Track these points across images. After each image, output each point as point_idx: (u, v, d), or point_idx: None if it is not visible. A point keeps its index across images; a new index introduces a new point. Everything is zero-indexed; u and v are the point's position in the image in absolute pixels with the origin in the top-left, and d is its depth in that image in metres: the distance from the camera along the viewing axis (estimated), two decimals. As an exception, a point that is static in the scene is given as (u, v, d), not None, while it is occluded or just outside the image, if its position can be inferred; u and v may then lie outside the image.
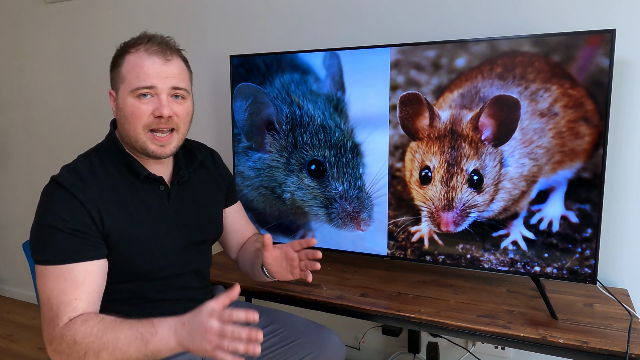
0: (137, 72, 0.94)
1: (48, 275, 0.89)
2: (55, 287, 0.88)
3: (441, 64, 1.24)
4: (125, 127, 0.97)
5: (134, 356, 0.83)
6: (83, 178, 0.94)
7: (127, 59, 0.96)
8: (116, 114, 0.99)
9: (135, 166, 0.99)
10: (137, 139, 0.96)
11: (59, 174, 0.96)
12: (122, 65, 0.96)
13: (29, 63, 2.31)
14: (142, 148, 0.97)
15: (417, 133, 1.28)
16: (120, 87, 0.96)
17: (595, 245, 1.14)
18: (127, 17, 2.02)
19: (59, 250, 0.89)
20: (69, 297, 0.88)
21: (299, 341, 1.11)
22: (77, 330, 0.84)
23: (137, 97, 0.94)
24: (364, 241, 1.40)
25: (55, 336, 0.86)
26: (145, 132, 0.95)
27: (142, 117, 0.94)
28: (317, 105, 1.39)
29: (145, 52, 0.95)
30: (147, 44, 0.95)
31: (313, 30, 1.66)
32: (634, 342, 1.02)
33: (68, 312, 0.87)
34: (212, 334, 0.78)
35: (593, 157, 1.12)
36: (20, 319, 2.35)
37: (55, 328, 0.86)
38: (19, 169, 2.46)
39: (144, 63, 0.94)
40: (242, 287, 1.36)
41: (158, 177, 1.01)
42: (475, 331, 1.11)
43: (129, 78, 0.94)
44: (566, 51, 1.12)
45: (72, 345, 0.84)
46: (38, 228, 0.92)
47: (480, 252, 1.26)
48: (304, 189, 1.43)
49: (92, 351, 0.83)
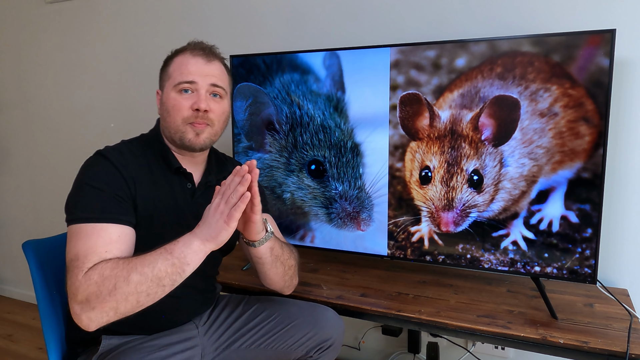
0: (181, 70, 1.03)
1: (82, 234, 0.89)
2: (86, 243, 0.88)
3: (441, 64, 1.24)
4: (167, 119, 1.04)
5: (162, 267, 0.84)
6: (124, 155, 1.01)
7: (175, 60, 1.06)
8: (160, 109, 1.07)
9: (169, 157, 1.06)
10: (177, 130, 1.03)
11: (103, 149, 1.03)
12: (169, 66, 1.06)
13: (29, 63, 2.31)
14: (181, 139, 1.04)
15: (417, 133, 1.28)
16: (165, 84, 1.05)
17: (595, 245, 1.14)
18: (127, 17, 2.02)
19: (97, 209, 0.91)
20: (100, 250, 0.88)
21: (294, 323, 1.12)
22: (105, 267, 0.84)
23: (179, 92, 1.03)
24: (364, 241, 1.40)
25: (81, 282, 0.83)
26: (184, 125, 1.03)
27: (182, 110, 1.02)
28: (317, 105, 1.39)
29: (190, 53, 1.05)
30: (193, 48, 1.06)
31: (313, 30, 1.66)
32: (634, 342, 1.02)
33: (94, 260, 0.86)
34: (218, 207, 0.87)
35: (593, 157, 1.12)
36: (20, 319, 2.35)
37: (80, 274, 0.84)
38: (19, 169, 2.46)
39: (188, 62, 1.04)
40: (242, 287, 1.37)
41: (188, 172, 1.07)
42: (475, 331, 1.11)
43: (174, 75, 1.04)
44: (566, 51, 1.12)
45: (100, 283, 0.82)
46: (79, 189, 0.95)
47: (480, 252, 1.26)
48: (304, 189, 1.43)
49: (122, 278, 0.82)
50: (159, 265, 0.84)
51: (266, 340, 1.12)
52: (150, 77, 2.00)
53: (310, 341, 1.11)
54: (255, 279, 1.40)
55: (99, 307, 0.82)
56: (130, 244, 0.94)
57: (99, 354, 1.01)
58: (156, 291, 0.85)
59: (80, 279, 0.84)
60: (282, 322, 1.13)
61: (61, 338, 1.10)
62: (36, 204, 2.43)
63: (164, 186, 1.04)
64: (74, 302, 0.84)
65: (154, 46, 1.97)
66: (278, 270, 1.06)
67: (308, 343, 1.11)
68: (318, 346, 1.11)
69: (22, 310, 2.46)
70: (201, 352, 1.10)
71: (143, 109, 2.04)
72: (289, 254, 1.10)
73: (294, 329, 1.11)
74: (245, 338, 1.13)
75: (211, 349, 1.12)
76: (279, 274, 1.07)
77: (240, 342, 1.13)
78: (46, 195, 2.38)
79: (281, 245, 1.07)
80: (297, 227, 1.47)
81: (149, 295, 0.84)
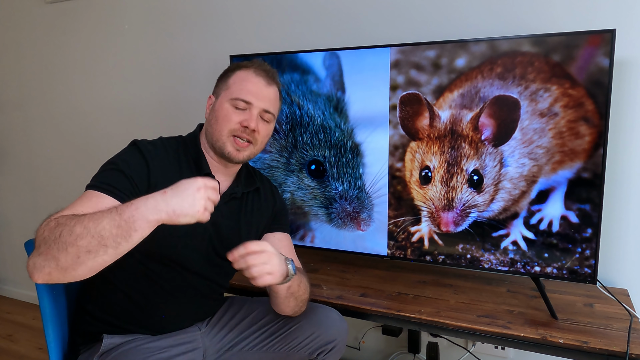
0: (241, 85, 1.06)
1: (85, 196, 0.91)
2: (83, 203, 0.88)
3: (441, 64, 1.24)
4: (213, 126, 1.07)
5: (107, 227, 0.78)
6: (157, 149, 1.04)
7: (237, 73, 1.09)
8: (209, 114, 1.10)
9: (201, 162, 1.07)
10: (220, 139, 1.06)
11: (140, 140, 1.05)
12: (230, 77, 1.09)
13: (29, 63, 2.31)
14: (221, 148, 1.06)
15: (417, 133, 1.28)
16: (222, 93, 1.08)
17: (595, 245, 1.14)
18: (127, 17, 2.02)
19: (107, 182, 0.93)
20: (78, 209, 0.85)
21: (297, 325, 1.11)
22: (62, 217, 0.81)
23: (233, 105, 1.06)
24: (364, 241, 1.40)
25: (41, 227, 0.81)
26: (229, 136, 1.05)
27: (231, 123, 1.05)
28: (317, 105, 1.39)
29: (253, 72, 1.08)
30: (257, 67, 1.09)
31: (313, 30, 1.66)
32: (634, 342, 1.02)
33: (65, 212, 0.84)
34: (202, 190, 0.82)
35: (593, 157, 1.12)
36: (20, 319, 2.35)
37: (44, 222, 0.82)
38: (19, 169, 2.46)
39: (250, 79, 1.07)
40: (242, 287, 1.37)
41: (216, 179, 1.03)
42: (475, 331, 1.11)
43: (234, 88, 1.07)
44: (566, 51, 1.12)
45: (52, 229, 0.79)
46: (103, 166, 0.99)
47: (480, 252, 1.26)
48: (304, 189, 1.43)
49: (67, 228, 0.78)
50: (104, 224, 0.78)
51: (269, 343, 1.11)
52: (150, 77, 2.00)
53: (314, 343, 1.10)
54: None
55: (44, 253, 0.78)
56: None
57: (100, 353, 1.01)
58: (97, 250, 0.77)
59: (41, 226, 0.81)
60: (285, 324, 1.12)
61: (62, 337, 1.10)
62: (36, 204, 2.43)
63: None
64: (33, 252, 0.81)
65: (154, 46, 1.97)
66: (290, 304, 1.05)
67: (311, 345, 1.10)
68: (321, 348, 1.10)
69: (22, 310, 2.46)
70: (203, 354, 1.10)
71: (143, 108, 2.04)
72: (305, 290, 1.08)
73: (298, 331, 1.11)
74: (248, 340, 1.12)
75: (213, 351, 1.12)
76: (290, 306, 1.06)
77: (243, 344, 1.12)
78: (46, 195, 2.38)
79: (299, 283, 1.04)
80: (297, 227, 1.47)
81: (90, 252, 0.77)
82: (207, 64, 1.86)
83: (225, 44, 1.82)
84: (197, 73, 1.88)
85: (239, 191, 1.11)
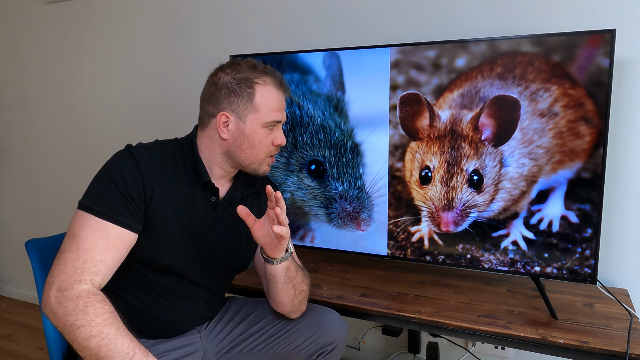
0: (271, 106, 1.03)
1: (85, 223, 0.91)
2: (88, 239, 0.90)
3: (441, 64, 1.24)
4: (246, 151, 1.04)
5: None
6: (152, 157, 1.00)
7: (260, 90, 1.02)
8: (236, 137, 1.03)
9: (200, 170, 1.04)
10: (255, 162, 1.05)
11: (135, 145, 1.02)
12: (254, 96, 1.02)
13: (28, 63, 2.31)
14: (256, 170, 1.07)
15: (417, 133, 1.28)
16: (249, 115, 1.02)
17: (595, 245, 1.14)
18: (127, 17, 2.02)
19: (106, 204, 0.92)
20: (98, 256, 0.90)
21: (297, 327, 1.11)
22: (93, 303, 0.85)
23: (266, 128, 1.04)
24: (364, 241, 1.40)
25: (73, 290, 0.86)
26: (266, 157, 1.06)
27: (267, 146, 1.05)
28: (317, 105, 1.39)
29: (274, 86, 1.04)
30: (271, 76, 1.04)
31: (313, 30, 1.66)
32: (634, 342, 1.02)
33: (92, 272, 0.88)
34: None
35: (593, 157, 1.12)
36: (21, 319, 2.35)
37: (76, 283, 0.86)
38: (19, 169, 2.46)
39: (276, 98, 1.04)
40: (242, 287, 1.37)
41: (215, 187, 1.05)
42: (475, 331, 1.11)
43: (264, 110, 1.03)
44: (566, 51, 1.12)
45: (78, 311, 0.84)
46: (98, 179, 0.97)
47: (480, 252, 1.26)
48: (304, 189, 1.43)
49: (88, 329, 0.83)
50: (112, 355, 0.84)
51: (268, 344, 1.11)
52: (150, 77, 2.00)
53: (313, 345, 1.10)
54: (255, 279, 1.40)
55: (59, 318, 0.85)
56: (124, 251, 0.94)
57: None
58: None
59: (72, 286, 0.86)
60: (285, 326, 1.12)
61: (63, 338, 1.10)
62: (36, 204, 2.43)
63: (186, 195, 1.02)
64: (54, 291, 0.87)
65: (154, 46, 1.97)
66: (289, 292, 1.05)
67: (311, 347, 1.10)
68: (321, 350, 1.10)
69: (22, 310, 2.46)
70: (202, 356, 1.10)
71: (143, 108, 2.04)
72: (303, 278, 1.09)
73: (297, 332, 1.10)
74: (247, 342, 1.12)
75: (212, 353, 1.12)
76: (289, 296, 1.06)
77: (242, 345, 1.12)
78: (46, 195, 2.38)
79: (296, 268, 1.06)
80: (297, 227, 1.47)
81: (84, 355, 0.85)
82: (207, 63, 1.86)
83: (225, 44, 1.82)
84: (198, 73, 1.88)
85: (237, 195, 1.09)
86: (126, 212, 0.93)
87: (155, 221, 0.97)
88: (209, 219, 1.05)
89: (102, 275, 0.90)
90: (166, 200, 0.99)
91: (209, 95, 1.05)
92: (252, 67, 1.04)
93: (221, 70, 1.05)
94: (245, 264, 1.17)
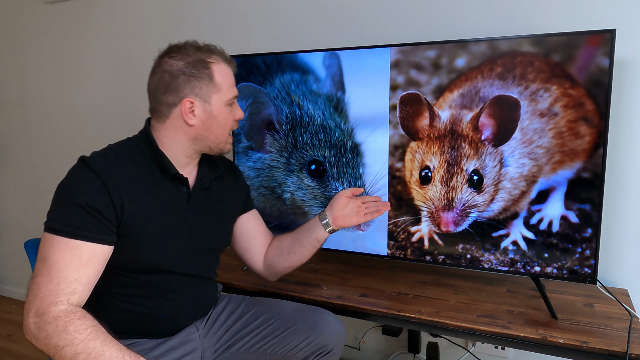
0: (229, 82, 1.05)
1: (54, 245, 0.90)
2: (59, 259, 0.89)
3: (441, 64, 1.24)
4: (215, 132, 1.04)
5: None
6: (112, 164, 0.96)
7: (216, 69, 1.02)
8: (204, 120, 1.03)
9: (166, 164, 1.02)
10: (222, 141, 1.06)
11: (89, 156, 0.98)
12: (213, 76, 1.02)
13: (29, 63, 2.31)
14: (222, 148, 1.08)
15: (417, 133, 1.28)
16: (213, 96, 1.02)
17: (595, 245, 1.14)
18: (127, 17, 2.02)
19: (72, 223, 0.90)
20: (71, 276, 0.88)
21: (293, 327, 1.11)
22: (73, 321, 0.85)
23: (228, 106, 1.05)
24: (364, 241, 1.40)
25: (49, 313, 0.85)
26: (229, 135, 1.08)
27: (230, 122, 1.07)
28: (317, 105, 1.39)
29: (224, 62, 1.05)
30: (218, 53, 1.05)
31: (313, 30, 1.66)
32: (634, 342, 1.02)
33: (67, 293, 0.88)
34: None
35: (593, 157, 1.12)
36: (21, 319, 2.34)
37: (52, 306, 0.86)
38: (19, 169, 2.46)
39: (230, 73, 1.06)
40: (242, 287, 1.37)
41: (184, 177, 1.05)
42: (475, 331, 1.11)
43: (225, 88, 1.03)
44: (566, 51, 1.12)
45: (59, 332, 0.84)
46: (59, 199, 0.94)
47: (480, 252, 1.26)
48: (304, 189, 1.43)
49: (72, 348, 0.83)
50: None
51: (265, 344, 1.11)
52: (150, 77, 2.00)
53: (310, 346, 1.10)
54: (255, 279, 1.40)
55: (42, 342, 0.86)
56: (99, 266, 0.93)
57: None
58: None
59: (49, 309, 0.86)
60: (281, 325, 1.12)
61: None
62: (36, 204, 2.43)
63: (158, 194, 1.01)
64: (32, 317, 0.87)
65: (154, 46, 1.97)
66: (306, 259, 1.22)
67: (307, 348, 1.10)
68: (318, 351, 1.10)
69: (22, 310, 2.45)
70: (201, 355, 1.10)
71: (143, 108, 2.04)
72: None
73: (294, 333, 1.10)
74: (244, 341, 1.12)
75: (210, 351, 1.12)
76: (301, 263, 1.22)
77: (239, 344, 1.12)
78: (46, 195, 2.36)
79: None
80: (297, 227, 1.47)
81: None
82: (207, 64, 1.86)
83: (225, 44, 1.80)
84: (197, 73, 1.88)
85: (206, 180, 1.10)
86: (94, 227, 0.91)
87: (133, 227, 0.96)
88: (186, 210, 1.05)
89: (78, 293, 0.89)
90: (139, 204, 0.97)
91: (164, 86, 1.02)
92: (198, 48, 1.03)
93: (168, 58, 1.03)
94: (228, 241, 1.20)
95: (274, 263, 1.22)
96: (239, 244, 1.24)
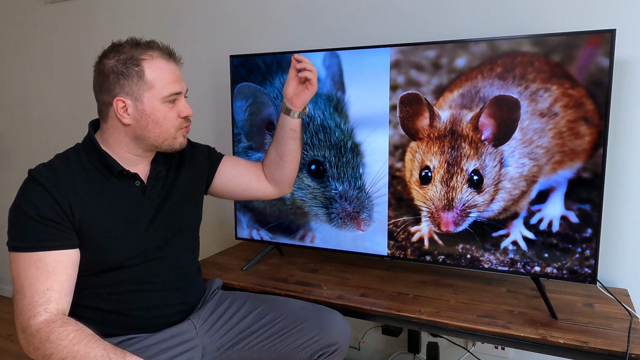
0: (165, 79, 1.01)
1: (20, 262, 0.92)
2: (27, 275, 0.91)
3: (441, 64, 1.24)
4: (154, 130, 1.02)
5: None
6: (56, 172, 0.98)
7: (149, 66, 1.00)
8: (137, 119, 1.01)
9: (110, 162, 1.02)
10: (167, 138, 1.04)
11: (35, 168, 1.00)
12: (143, 73, 0.99)
13: (29, 63, 2.31)
14: (171, 146, 1.05)
15: (417, 133, 1.28)
16: (145, 94, 1.00)
17: (595, 245, 1.14)
18: (126, 17, 2.02)
19: (30, 237, 0.92)
20: (42, 287, 0.90)
21: (300, 326, 1.11)
22: (54, 330, 0.87)
23: (167, 103, 1.02)
24: (364, 241, 1.40)
25: (31, 327, 0.88)
26: (177, 131, 1.05)
27: (174, 120, 1.03)
28: (317, 105, 1.39)
29: (162, 58, 1.02)
30: (156, 49, 1.02)
31: (313, 30, 1.66)
32: (634, 342, 1.02)
33: (42, 303, 0.89)
34: None
35: (593, 157, 1.12)
36: (21, 319, 2.35)
37: (31, 319, 0.88)
38: (19, 169, 2.46)
39: (168, 69, 1.02)
40: (242, 287, 1.37)
41: (133, 173, 1.05)
42: (475, 331, 1.11)
43: (158, 86, 1.00)
44: (566, 51, 1.12)
45: (43, 342, 0.86)
46: (13, 217, 0.96)
47: (480, 252, 1.26)
48: (304, 188, 1.43)
49: (58, 354, 0.85)
50: None
51: (270, 342, 1.11)
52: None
53: (315, 345, 1.10)
54: (255, 279, 1.40)
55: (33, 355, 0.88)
56: (70, 270, 0.94)
57: None
58: None
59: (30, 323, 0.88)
60: (288, 325, 1.12)
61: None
62: (36, 204, 2.43)
63: (110, 192, 1.02)
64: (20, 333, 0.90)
65: (154, 46, 1.97)
66: (298, 154, 1.21)
67: (313, 347, 1.10)
68: (323, 350, 1.10)
69: (22, 310, 2.45)
70: (202, 351, 1.10)
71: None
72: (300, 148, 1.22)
73: (300, 332, 1.10)
74: (250, 339, 1.12)
75: (213, 348, 1.12)
76: (296, 160, 1.21)
77: (244, 343, 1.12)
78: (46, 195, 2.38)
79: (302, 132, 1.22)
80: (297, 227, 1.47)
81: None
82: (207, 64, 1.86)
83: (225, 44, 1.82)
84: (197, 73, 1.88)
85: (161, 169, 1.09)
86: (52, 236, 0.93)
87: (88, 228, 0.97)
88: (143, 201, 1.05)
89: (54, 301, 0.90)
90: (89, 205, 0.98)
91: (99, 85, 1.02)
92: (135, 45, 1.01)
93: (105, 57, 1.02)
94: (198, 218, 1.20)
95: (277, 176, 1.23)
96: (237, 188, 1.25)
